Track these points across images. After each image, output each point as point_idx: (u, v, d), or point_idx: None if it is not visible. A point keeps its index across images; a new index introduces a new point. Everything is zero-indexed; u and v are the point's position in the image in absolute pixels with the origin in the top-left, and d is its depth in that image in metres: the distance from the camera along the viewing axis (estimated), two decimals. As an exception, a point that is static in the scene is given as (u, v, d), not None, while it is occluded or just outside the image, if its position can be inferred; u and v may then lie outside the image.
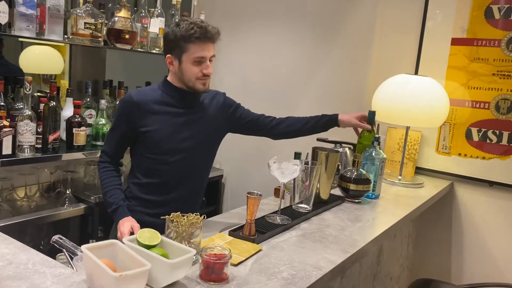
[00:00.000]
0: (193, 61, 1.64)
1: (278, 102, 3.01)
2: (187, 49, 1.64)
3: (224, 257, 1.08)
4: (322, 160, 1.78)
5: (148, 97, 1.70)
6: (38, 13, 2.06)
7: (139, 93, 1.73)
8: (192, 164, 1.77)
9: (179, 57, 1.66)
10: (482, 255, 2.46)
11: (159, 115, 1.69)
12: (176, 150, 1.72)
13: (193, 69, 1.65)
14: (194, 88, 1.70)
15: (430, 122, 2.31)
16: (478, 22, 2.37)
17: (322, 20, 2.81)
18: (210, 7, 3.19)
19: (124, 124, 1.71)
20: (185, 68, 1.66)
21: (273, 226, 1.50)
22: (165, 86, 1.74)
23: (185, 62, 1.66)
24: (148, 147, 1.71)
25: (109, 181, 1.72)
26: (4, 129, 1.95)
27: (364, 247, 1.45)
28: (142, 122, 1.68)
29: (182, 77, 1.69)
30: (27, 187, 2.31)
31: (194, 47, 1.63)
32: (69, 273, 1.02)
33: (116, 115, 1.78)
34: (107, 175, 1.73)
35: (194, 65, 1.65)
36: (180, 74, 1.69)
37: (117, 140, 1.75)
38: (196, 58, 1.64)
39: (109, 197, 1.69)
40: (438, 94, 2.30)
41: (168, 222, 1.19)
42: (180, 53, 1.65)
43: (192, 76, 1.66)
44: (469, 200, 2.49)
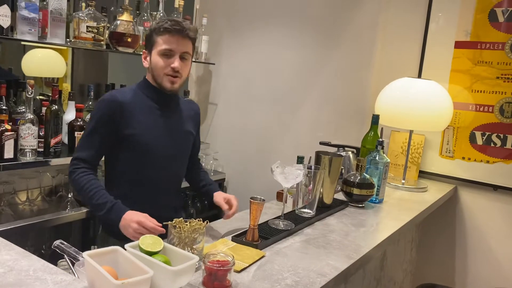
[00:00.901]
0: (161, 54, 1.58)
1: (281, 106, 3.00)
2: (156, 41, 1.59)
3: (227, 264, 1.07)
4: (326, 165, 1.77)
5: (130, 97, 1.63)
6: (40, 16, 2.05)
7: (121, 93, 1.65)
8: (177, 166, 1.73)
9: (150, 51, 1.62)
10: (486, 260, 2.44)
11: (142, 117, 1.62)
12: (162, 153, 1.66)
13: (160, 62, 1.58)
14: (162, 86, 1.62)
15: (434, 125, 2.30)
16: (481, 25, 2.36)
17: (324, 24, 2.80)
18: (212, 11, 3.19)
19: (106, 126, 1.59)
20: (153, 62, 1.60)
21: (276, 231, 1.48)
22: (144, 85, 1.68)
23: (154, 56, 1.60)
24: (134, 151, 1.62)
25: (93, 184, 1.56)
26: (6, 133, 1.94)
27: (368, 253, 1.43)
28: (126, 124, 1.59)
29: (152, 73, 1.63)
30: (29, 191, 2.30)
31: (161, 39, 1.57)
32: (71, 280, 1.01)
33: (95, 117, 1.62)
34: (88, 179, 1.57)
35: (161, 58, 1.58)
36: (151, 70, 1.63)
37: (97, 144, 1.61)
38: (163, 50, 1.57)
39: (97, 199, 1.53)
40: (442, 97, 2.28)
41: (171, 228, 1.18)
42: (151, 47, 1.61)
43: (160, 71, 1.59)
44: (473, 204, 2.47)
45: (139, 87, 1.68)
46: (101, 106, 1.62)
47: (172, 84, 1.61)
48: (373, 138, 2.11)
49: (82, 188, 1.57)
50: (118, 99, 1.60)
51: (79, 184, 1.57)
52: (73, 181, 1.59)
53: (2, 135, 1.93)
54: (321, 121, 2.84)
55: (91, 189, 1.55)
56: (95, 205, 1.54)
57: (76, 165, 1.60)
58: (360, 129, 2.58)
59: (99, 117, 1.60)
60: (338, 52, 2.77)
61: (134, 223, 1.44)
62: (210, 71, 3.34)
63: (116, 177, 1.69)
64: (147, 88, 1.67)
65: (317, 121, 2.86)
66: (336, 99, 2.79)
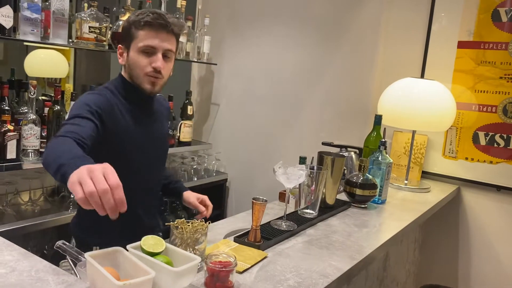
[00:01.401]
0: (141, 51, 1.40)
1: (283, 106, 3.00)
2: (136, 36, 1.40)
3: (230, 264, 1.07)
4: (328, 165, 1.76)
5: (108, 99, 1.43)
6: (42, 17, 2.06)
7: (99, 94, 1.44)
8: (157, 170, 1.63)
9: (128, 46, 1.44)
10: (489, 261, 2.43)
11: (121, 121, 1.44)
12: (142, 159, 1.52)
13: (140, 60, 1.41)
14: (141, 88, 1.44)
15: (437, 126, 2.29)
16: (485, 25, 2.35)
17: (327, 24, 2.80)
18: (214, 11, 3.19)
19: (95, 117, 1.34)
20: (132, 58, 1.42)
21: (278, 232, 1.48)
22: (121, 85, 1.49)
23: (133, 52, 1.42)
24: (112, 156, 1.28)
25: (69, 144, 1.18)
26: (8, 133, 1.95)
27: (371, 254, 1.42)
28: (106, 127, 1.38)
29: (130, 72, 1.45)
30: (31, 191, 2.30)
31: (142, 34, 1.40)
32: (73, 280, 1.01)
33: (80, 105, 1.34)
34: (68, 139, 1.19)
35: (141, 55, 1.41)
36: (128, 68, 1.45)
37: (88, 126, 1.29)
38: (143, 47, 1.39)
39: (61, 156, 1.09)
40: (445, 97, 2.27)
41: (173, 229, 1.17)
42: (129, 42, 1.43)
43: (140, 70, 1.42)
44: (476, 204, 2.46)
45: (115, 87, 1.49)
46: (87, 97, 1.39)
47: (153, 86, 1.45)
48: (376, 138, 2.10)
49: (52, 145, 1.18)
50: (106, 95, 1.43)
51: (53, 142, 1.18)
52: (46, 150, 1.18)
53: (4, 135, 1.93)
54: (324, 122, 2.83)
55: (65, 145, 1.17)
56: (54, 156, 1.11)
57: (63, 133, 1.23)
58: (362, 130, 2.57)
59: (88, 105, 1.34)
60: (341, 52, 2.76)
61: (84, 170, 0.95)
62: (212, 71, 3.34)
63: None
64: (124, 88, 1.49)
65: (320, 122, 2.85)
66: (338, 99, 2.78)
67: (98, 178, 0.92)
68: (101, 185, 0.91)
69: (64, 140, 1.19)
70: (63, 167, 1.03)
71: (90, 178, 0.92)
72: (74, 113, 1.32)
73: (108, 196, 0.91)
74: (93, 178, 0.92)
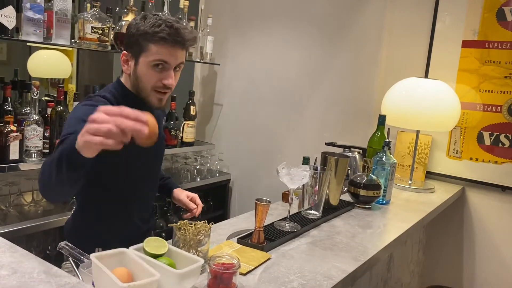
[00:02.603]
0: (152, 65, 1.32)
1: (286, 106, 2.99)
2: (147, 49, 1.31)
3: (233, 266, 1.06)
4: (332, 166, 1.75)
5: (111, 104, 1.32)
6: (45, 17, 2.06)
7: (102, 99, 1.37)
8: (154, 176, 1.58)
9: (136, 57, 1.34)
10: (494, 261, 2.41)
11: None
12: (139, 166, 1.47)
13: (151, 76, 1.33)
14: (147, 101, 1.36)
15: (441, 126, 2.27)
16: (489, 24, 2.33)
17: (329, 23, 2.79)
18: (217, 11, 3.18)
19: None
20: (140, 71, 1.34)
21: (282, 233, 1.47)
22: (121, 94, 1.41)
23: (142, 65, 1.33)
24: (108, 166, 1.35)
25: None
26: (11, 134, 1.94)
27: (376, 255, 1.41)
28: None
29: (135, 84, 1.37)
30: (34, 192, 2.30)
31: (156, 49, 1.30)
32: (75, 282, 1.00)
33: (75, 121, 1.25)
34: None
35: (152, 70, 1.32)
36: (134, 80, 1.37)
37: None
38: (156, 61, 1.31)
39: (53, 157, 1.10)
40: (449, 97, 2.26)
41: (176, 230, 1.16)
42: (138, 52, 1.33)
43: (148, 84, 1.34)
44: (481, 205, 2.44)
45: (113, 95, 1.41)
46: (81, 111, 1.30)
47: (160, 102, 1.38)
48: (380, 138, 2.09)
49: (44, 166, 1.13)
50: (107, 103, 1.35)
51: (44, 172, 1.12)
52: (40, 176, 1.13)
53: (7, 136, 1.93)
54: (327, 122, 2.82)
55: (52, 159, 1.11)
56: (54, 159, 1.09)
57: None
58: (366, 130, 2.56)
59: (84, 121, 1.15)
60: (344, 52, 2.75)
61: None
62: (215, 71, 3.33)
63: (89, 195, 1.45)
64: (124, 96, 1.40)
65: (323, 122, 2.84)
66: (342, 100, 2.77)
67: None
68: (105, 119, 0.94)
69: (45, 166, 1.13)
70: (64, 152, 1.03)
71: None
72: (69, 131, 1.20)
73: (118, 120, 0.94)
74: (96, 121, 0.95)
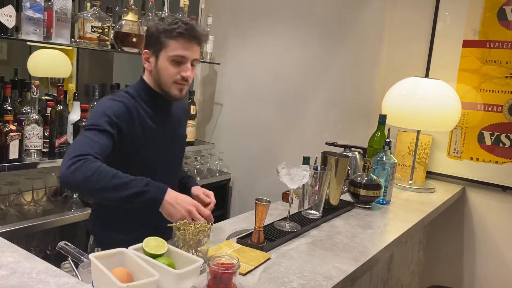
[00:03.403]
0: (171, 60, 1.45)
1: (286, 106, 2.98)
2: (167, 45, 1.45)
3: (233, 266, 1.05)
4: (332, 165, 1.75)
5: (130, 103, 1.47)
6: (45, 17, 2.05)
7: (122, 97, 1.49)
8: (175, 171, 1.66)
9: (157, 54, 1.47)
10: (494, 262, 2.41)
11: (142, 125, 1.48)
12: (161, 162, 1.55)
13: (170, 69, 1.46)
14: (169, 94, 1.50)
15: (442, 125, 2.27)
16: (490, 23, 2.33)
17: (330, 23, 2.78)
18: (217, 10, 3.17)
19: (114, 127, 1.40)
20: (161, 66, 1.47)
21: (282, 233, 1.47)
22: (144, 90, 1.53)
23: (162, 60, 1.46)
24: (132, 160, 1.48)
25: (108, 168, 1.30)
26: (11, 133, 1.94)
27: (376, 255, 1.41)
28: (127, 131, 1.44)
29: (157, 78, 1.50)
30: (34, 191, 2.30)
31: (175, 44, 1.44)
32: (74, 282, 0.99)
33: (101, 116, 1.40)
34: (99, 164, 1.29)
35: (172, 64, 1.46)
36: (156, 74, 1.49)
37: (104, 143, 1.36)
38: (175, 57, 1.45)
39: (125, 177, 1.29)
40: (450, 97, 2.25)
41: (175, 230, 1.16)
42: (159, 49, 1.46)
43: (168, 78, 1.47)
44: (482, 205, 2.44)
45: (136, 92, 1.53)
46: (107, 104, 1.45)
47: (180, 92, 1.51)
48: (380, 138, 2.09)
49: (99, 171, 1.27)
50: (124, 102, 1.46)
51: (90, 168, 1.26)
52: (78, 169, 1.26)
53: (7, 135, 1.93)
54: (327, 121, 2.82)
55: (110, 170, 1.29)
56: (126, 183, 1.28)
57: (79, 158, 1.28)
58: (366, 129, 2.56)
59: (107, 116, 1.40)
60: (344, 51, 2.74)
61: (191, 206, 1.30)
62: (215, 71, 3.33)
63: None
64: (147, 93, 1.53)
65: (323, 121, 2.83)
66: (342, 99, 2.76)
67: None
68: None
69: (99, 165, 1.29)
70: (147, 193, 1.28)
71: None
72: (93, 123, 1.39)
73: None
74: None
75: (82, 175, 1.26)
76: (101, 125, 1.38)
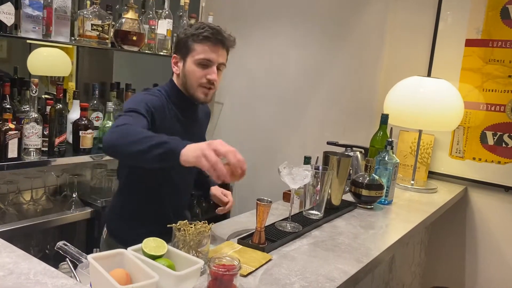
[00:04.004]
0: (198, 63, 1.49)
1: (287, 106, 2.97)
2: (193, 48, 1.50)
3: (234, 268, 1.04)
4: (334, 165, 1.73)
5: (158, 101, 1.52)
6: (44, 14, 2.03)
7: (152, 94, 1.54)
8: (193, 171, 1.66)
9: (184, 58, 1.53)
10: (497, 263, 2.39)
11: (167, 124, 1.52)
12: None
13: (196, 72, 1.50)
14: (195, 97, 1.54)
15: (444, 125, 2.25)
16: (493, 22, 2.31)
17: (331, 22, 2.76)
18: (218, 9, 3.15)
19: (149, 115, 1.43)
20: (188, 69, 1.51)
21: (283, 233, 1.45)
22: (172, 91, 1.58)
23: (189, 63, 1.51)
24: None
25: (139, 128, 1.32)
26: (10, 132, 1.92)
27: (379, 256, 1.39)
28: (160, 122, 1.48)
29: (184, 81, 1.54)
30: (33, 190, 2.28)
31: (200, 47, 1.49)
32: (72, 284, 0.98)
33: (137, 103, 1.44)
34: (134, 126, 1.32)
35: (198, 67, 1.50)
36: (183, 77, 1.54)
37: (143, 124, 1.38)
38: (200, 60, 1.49)
39: (153, 136, 1.25)
40: (452, 96, 2.24)
41: (175, 231, 1.14)
42: (186, 53, 1.52)
43: (194, 81, 1.51)
44: (484, 205, 2.42)
45: (166, 92, 1.58)
46: (145, 96, 1.50)
47: (206, 96, 1.54)
48: (382, 138, 2.07)
49: (130, 129, 1.29)
50: (160, 98, 1.51)
51: (124, 130, 1.28)
52: (115, 132, 1.29)
53: (6, 134, 1.91)
54: (329, 121, 2.80)
55: (139, 129, 1.30)
56: (150, 136, 1.25)
57: (117, 127, 1.30)
58: (368, 129, 2.54)
59: (146, 104, 1.44)
60: (346, 51, 2.72)
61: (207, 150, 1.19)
62: (216, 69, 3.30)
63: (132, 183, 1.63)
64: (175, 94, 1.58)
65: (325, 121, 2.82)
66: (343, 99, 2.75)
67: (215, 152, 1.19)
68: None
69: (135, 127, 1.30)
70: (167, 144, 1.19)
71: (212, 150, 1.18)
72: (131, 107, 1.41)
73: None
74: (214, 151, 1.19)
75: (115, 135, 1.29)
76: (140, 110, 1.41)
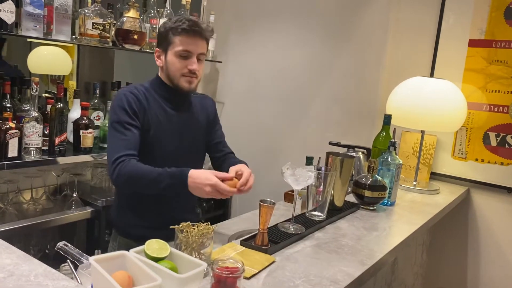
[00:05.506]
0: (178, 55, 1.56)
1: (289, 105, 2.95)
2: (173, 41, 1.57)
3: (237, 270, 1.02)
4: (337, 166, 1.71)
5: (143, 94, 1.61)
6: (45, 13, 2.02)
7: (135, 89, 1.62)
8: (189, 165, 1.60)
9: (166, 51, 1.60)
10: (499, 264, 2.38)
11: (155, 115, 1.60)
12: (175, 152, 1.64)
13: (177, 63, 1.57)
14: (179, 86, 1.60)
15: (447, 126, 2.24)
16: (497, 23, 2.30)
17: (333, 22, 2.75)
18: (219, 8, 3.14)
19: (134, 119, 1.55)
20: (169, 61, 1.58)
21: (286, 235, 1.43)
22: (157, 84, 1.65)
23: (170, 55, 1.58)
24: (146, 150, 1.58)
25: (138, 167, 1.47)
26: (10, 131, 1.91)
27: (382, 259, 1.38)
28: (143, 119, 1.57)
29: (168, 73, 1.61)
30: (33, 190, 2.27)
31: (179, 40, 1.56)
32: (73, 286, 0.97)
33: (118, 110, 1.55)
34: (132, 164, 1.48)
35: (178, 59, 1.57)
36: (166, 69, 1.61)
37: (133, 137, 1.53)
38: (180, 52, 1.56)
39: (150, 173, 1.46)
40: (455, 97, 2.22)
41: (178, 232, 1.13)
42: (167, 46, 1.59)
43: (176, 72, 1.58)
44: (486, 206, 2.41)
45: (151, 85, 1.66)
46: (122, 98, 1.57)
47: (190, 84, 1.60)
48: (385, 138, 2.05)
49: (142, 171, 1.46)
50: (136, 94, 1.58)
51: (126, 173, 1.46)
52: (119, 176, 1.46)
53: (6, 133, 1.90)
54: (331, 121, 2.78)
55: (138, 171, 1.47)
56: (153, 179, 1.45)
57: (122, 159, 1.48)
58: (370, 129, 2.53)
59: (124, 109, 1.54)
60: (348, 50, 2.71)
61: (208, 187, 1.40)
62: (217, 69, 3.29)
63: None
64: (160, 86, 1.65)
65: (326, 121, 2.80)
66: (345, 98, 2.73)
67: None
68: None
69: (130, 168, 1.47)
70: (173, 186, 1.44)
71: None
72: (116, 119, 1.54)
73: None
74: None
75: (122, 180, 1.48)
76: (123, 120, 1.53)
